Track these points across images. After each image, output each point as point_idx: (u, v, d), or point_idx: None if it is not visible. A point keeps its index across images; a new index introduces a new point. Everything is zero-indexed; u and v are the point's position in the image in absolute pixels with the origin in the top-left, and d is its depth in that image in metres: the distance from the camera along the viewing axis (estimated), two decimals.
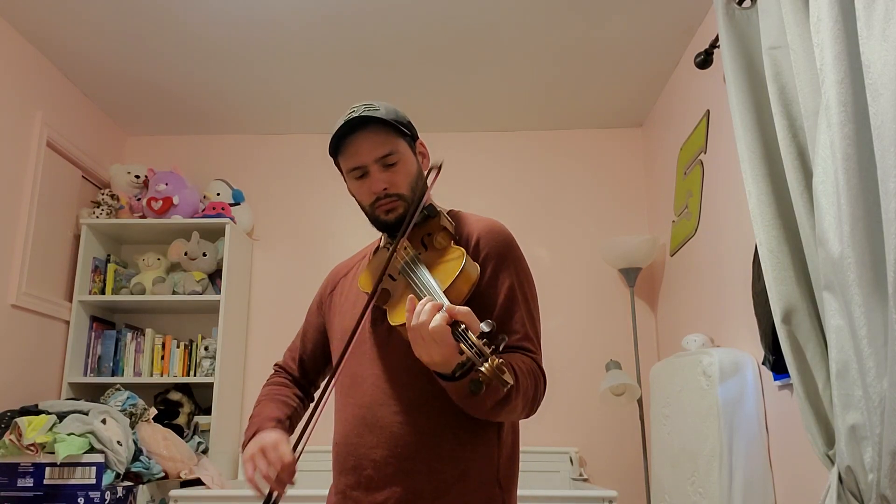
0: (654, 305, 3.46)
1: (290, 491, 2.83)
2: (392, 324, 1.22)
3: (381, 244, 1.43)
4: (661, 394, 2.63)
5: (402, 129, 1.34)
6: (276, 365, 1.59)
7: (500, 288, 1.29)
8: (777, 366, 1.95)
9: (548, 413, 3.36)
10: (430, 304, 1.07)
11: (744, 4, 1.85)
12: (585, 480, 3.23)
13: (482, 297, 1.28)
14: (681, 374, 2.43)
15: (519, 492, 2.52)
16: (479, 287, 1.26)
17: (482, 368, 0.96)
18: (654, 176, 3.48)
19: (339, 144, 1.34)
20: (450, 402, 1.23)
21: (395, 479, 1.23)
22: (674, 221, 3.12)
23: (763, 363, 2.04)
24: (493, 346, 0.99)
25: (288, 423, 1.39)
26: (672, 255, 3.15)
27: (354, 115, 1.30)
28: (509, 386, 0.96)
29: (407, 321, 1.10)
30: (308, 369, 1.54)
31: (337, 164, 1.39)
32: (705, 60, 2.33)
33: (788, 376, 1.93)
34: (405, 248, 1.29)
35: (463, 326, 1.03)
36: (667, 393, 2.55)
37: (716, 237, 2.63)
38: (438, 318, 1.04)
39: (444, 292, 1.15)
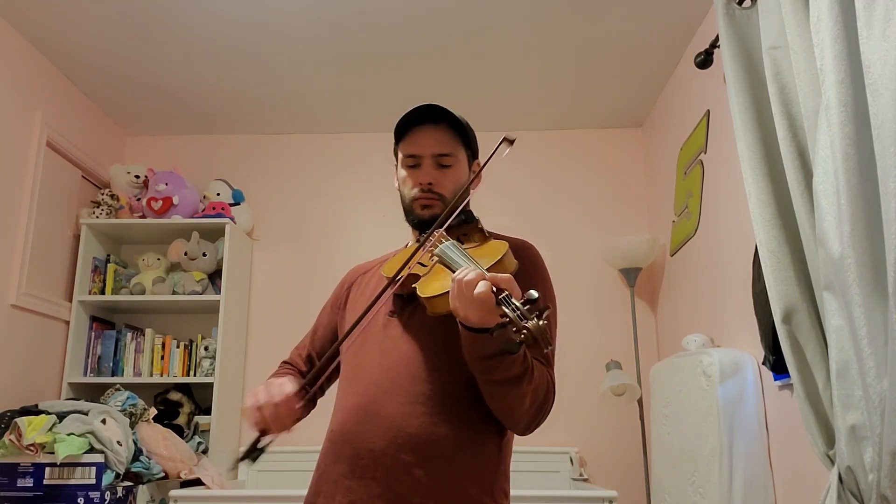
0: (654, 305, 3.46)
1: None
2: (422, 295, 1.20)
3: (412, 242, 1.42)
4: (661, 394, 2.63)
5: (468, 140, 1.40)
6: (282, 362, 1.56)
7: None
8: (777, 366, 1.95)
9: None
10: (475, 269, 1.08)
11: (744, 4, 1.85)
12: (585, 480, 3.23)
13: None
14: (681, 374, 2.43)
15: (519, 492, 2.51)
16: None
17: (528, 325, 0.96)
18: (654, 176, 3.48)
19: (405, 129, 1.37)
20: (457, 401, 1.22)
21: (391, 470, 1.20)
22: (674, 221, 3.12)
23: (763, 363, 2.04)
24: (536, 312, 0.98)
25: (310, 394, 1.36)
26: (672, 255, 3.15)
27: (433, 106, 1.35)
28: (551, 347, 0.96)
29: (452, 281, 1.09)
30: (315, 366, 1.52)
31: (395, 149, 1.43)
32: (705, 60, 2.33)
33: (788, 376, 1.93)
34: (442, 237, 1.28)
35: (506, 293, 1.03)
36: (667, 393, 2.55)
37: (716, 237, 2.63)
38: (483, 284, 1.04)
39: (488, 268, 1.14)
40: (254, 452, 1.17)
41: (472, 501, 1.22)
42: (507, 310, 1.00)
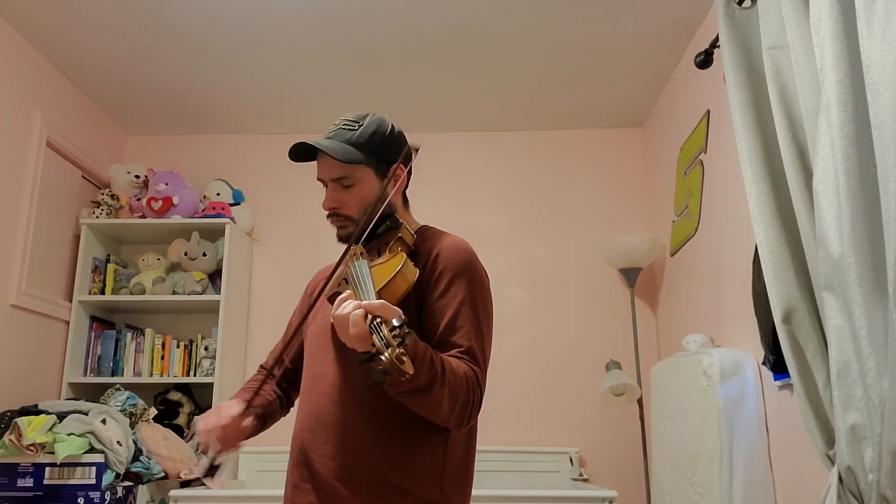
0: (654, 305, 3.46)
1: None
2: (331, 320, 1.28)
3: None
4: (661, 394, 2.63)
5: (371, 151, 1.40)
6: (259, 366, 1.64)
7: (451, 301, 1.33)
8: (777, 366, 1.95)
9: (548, 413, 3.36)
10: (352, 299, 1.14)
11: (744, 4, 1.85)
12: (585, 480, 3.23)
13: (433, 309, 1.33)
14: (681, 374, 2.43)
15: (519, 492, 2.51)
16: (430, 298, 1.33)
17: (383, 357, 1.00)
18: (654, 176, 3.48)
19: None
20: (399, 405, 1.26)
21: (338, 473, 1.28)
22: (674, 221, 3.12)
23: (763, 363, 2.04)
24: (399, 339, 1.03)
25: (258, 408, 1.45)
26: (672, 255, 3.15)
27: (324, 136, 1.44)
28: (407, 376, 1.00)
29: (331, 315, 1.17)
30: (287, 370, 1.59)
31: None
32: (705, 60, 2.32)
33: (788, 376, 1.93)
34: (356, 255, 1.34)
35: (378, 320, 1.09)
36: (667, 393, 2.55)
37: (716, 237, 2.63)
38: (357, 313, 1.10)
39: (379, 290, 1.21)
40: (211, 470, 1.29)
41: (419, 498, 1.26)
42: (375, 338, 1.05)
